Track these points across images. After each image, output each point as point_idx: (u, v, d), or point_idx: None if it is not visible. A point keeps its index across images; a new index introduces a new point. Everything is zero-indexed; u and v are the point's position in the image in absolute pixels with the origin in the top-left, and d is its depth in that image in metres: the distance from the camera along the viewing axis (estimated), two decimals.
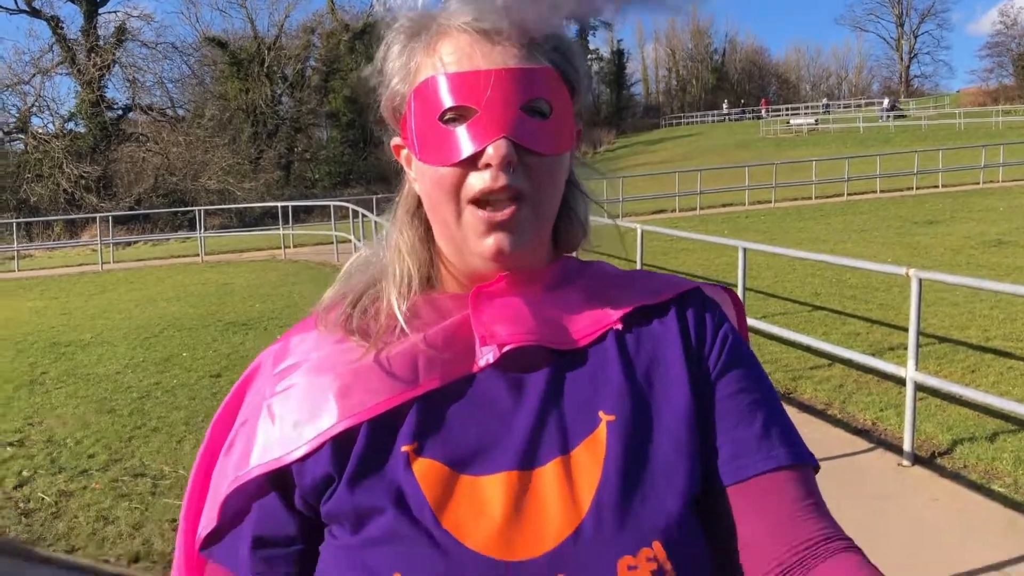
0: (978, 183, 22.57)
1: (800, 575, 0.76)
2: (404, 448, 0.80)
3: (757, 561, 0.78)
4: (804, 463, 0.83)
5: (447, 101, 0.82)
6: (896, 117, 47.18)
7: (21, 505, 4.85)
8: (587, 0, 0.85)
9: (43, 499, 4.91)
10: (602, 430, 0.81)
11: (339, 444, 0.81)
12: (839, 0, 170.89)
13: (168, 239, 25.47)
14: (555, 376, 0.85)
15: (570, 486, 0.78)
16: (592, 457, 0.80)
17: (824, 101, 64.12)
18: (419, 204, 0.90)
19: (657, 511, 0.78)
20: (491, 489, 0.78)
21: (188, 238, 23.50)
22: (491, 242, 0.82)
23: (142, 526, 4.47)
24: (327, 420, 0.82)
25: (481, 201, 0.82)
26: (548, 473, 0.79)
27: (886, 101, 53.64)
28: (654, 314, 0.89)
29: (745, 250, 6.46)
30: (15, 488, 5.10)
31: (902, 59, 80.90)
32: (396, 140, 0.91)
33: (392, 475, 0.79)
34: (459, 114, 0.81)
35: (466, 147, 0.80)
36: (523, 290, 0.87)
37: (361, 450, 0.81)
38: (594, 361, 0.86)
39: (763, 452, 0.82)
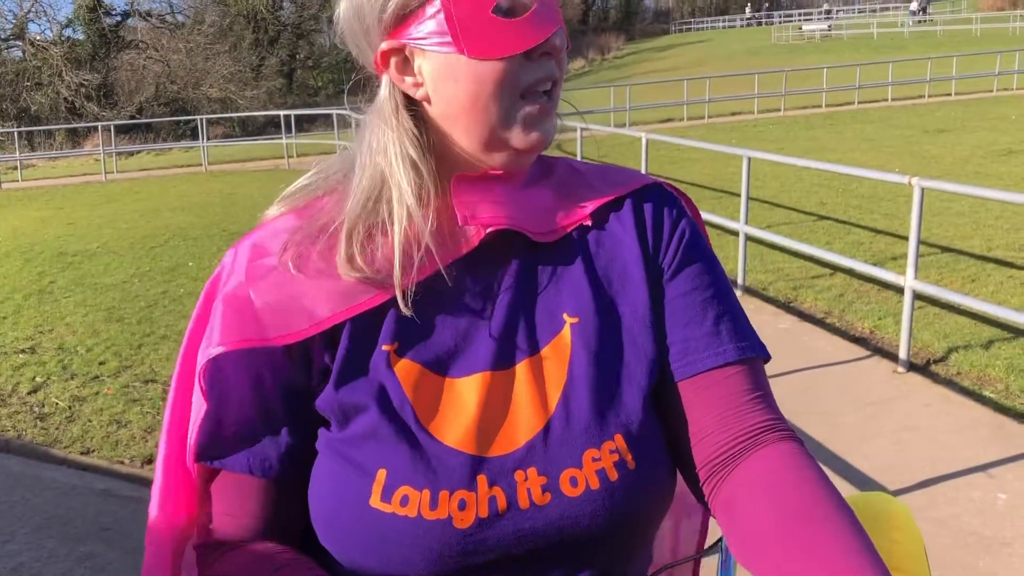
0: (992, 91, 22.20)
1: (738, 462, 0.82)
2: (385, 347, 0.83)
3: (704, 451, 0.85)
4: (752, 356, 0.87)
5: None
6: (921, 21, 46.01)
7: (36, 409, 4.98)
8: None
9: (57, 404, 5.03)
10: (566, 332, 0.86)
11: (327, 337, 0.83)
12: None
13: (171, 148, 25.29)
14: (525, 273, 0.88)
15: (538, 386, 0.83)
16: (558, 358, 0.85)
17: (824, 7, 62.46)
18: (406, 109, 0.87)
19: (618, 408, 0.83)
20: (467, 390, 0.83)
21: (191, 148, 23.34)
22: (537, 133, 0.85)
23: (153, 429, 4.60)
24: (318, 312, 0.82)
25: (527, 94, 0.84)
26: (519, 374, 0.84)
27: (915, 2, 52.15)
28: (616, 209, 0.92)
29: (750, 159, 6.43)
30: (29, 393, 5.23)
31: None
32: (387, 45, 0.85)
33: (375, 373, 0.83)
34: (510, 7, 0.82)
35: (532, 36, 0.82)
36: (502, 183, 0.89)
37: (345, 347, 0.83)
38: (561, 258, 0.89)
39: (711, 349, 0.86)
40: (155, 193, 14.96)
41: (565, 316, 0.86)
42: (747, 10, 64.96)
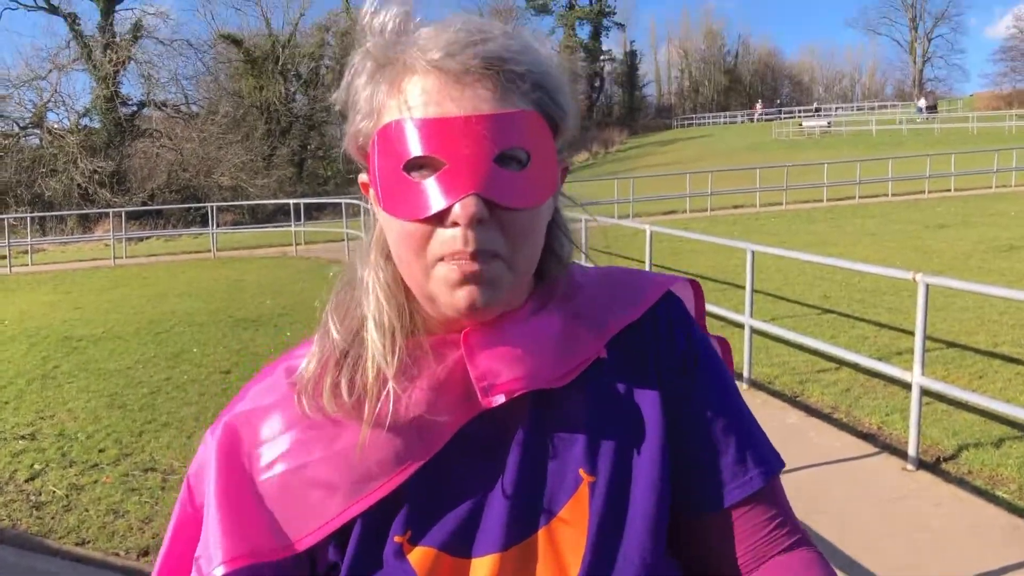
0: (990, 187, 22.47)
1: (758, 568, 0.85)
2: (397, 539, 0.80)
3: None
4: (774, 473, 0.87)
5: (412, 150, 0.75)
6: (928, 119, 46.98)
7: (32, 498, 4.91)
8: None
9: (54, 492, 4.97)
10: (584, 492, 0.82)
11: (337, 535, 0.81)
12: (852, 2, 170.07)
13: (180, 235, 25.61)
14: (537, 424, 0.84)
15: (557, 556, 0.80)
16: (576, 521, 0.81)
17: (815, 106, 63.83)
18: (378, 243, 0.86)
19: (638, 564, 0.81)
20: (483, 571, 0.79)
21: (200, 234, 23.61)
22: (462, 295, 0.76)
23: (152, 520, 4.52)
24: (329, 508, 0.80)
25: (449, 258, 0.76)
26: (537, 544, 0.81)
27: (922, 100, 53.44)
28: (630, 334, 0.88)
29: (753, 252, 6.47)
30: (27, 481, 5.16)
31: (915, 62, 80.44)
32: (364, 177, 0.84)
33: (388, 568, 0.80)
34: (425, 165, 0.75)
35: (432, 203, 0.74)
36: (508, 322, 0.83)
37: (356, 543, 0.81)
38: (574, 402, 0.84)
39: (737, 480, 0.86)
40: (163, 278, 15.07)
41: (582, 473, 0.82)
42: (758, 106, 66.22)
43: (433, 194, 0.74)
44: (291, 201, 20.94)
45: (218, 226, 20.88)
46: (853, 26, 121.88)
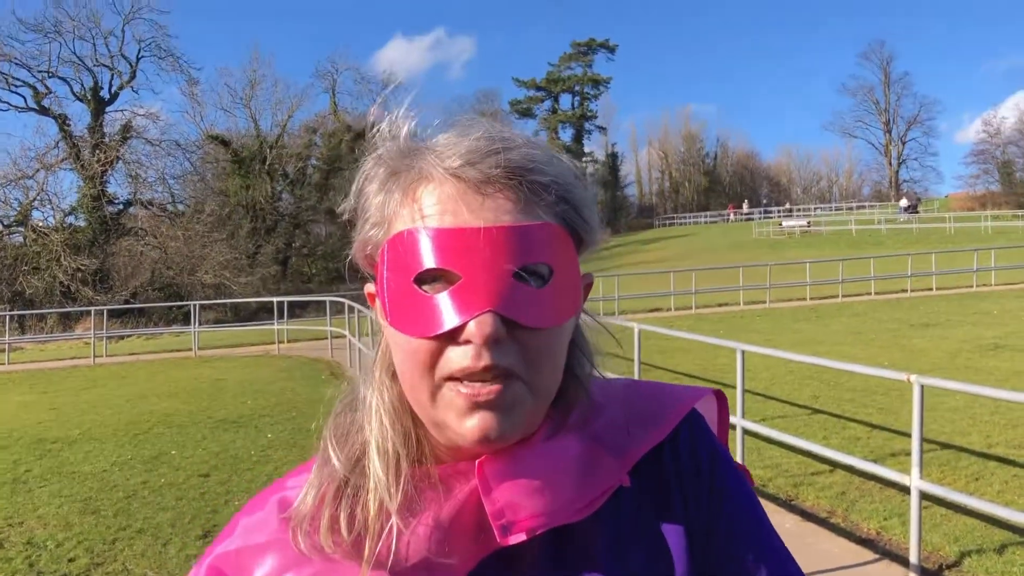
0: (971, 286, 22.72)
1: None
2: None
3: None
4: None
5: (425, 262, 0.69)
6: (908, 218, 48.03)
7: None
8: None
9: None
10: None
11: None
12: (827, 108, 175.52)
13: (162, 333, 25.38)
14: (556, 562, 0.77)
15: None
16: None
17: (787, 206, 65.24)
18: (384, 361, 0.80)
19: None
20: None
21: (182, 332, 23.42)
22: (474, 424, 0.69)
23: None
24: None
25: (459, 378, 0.70)
26: None
27: (904, 200, 54.75)
28: (651, 459, 0.81)
29: (744, 352, 6.42)
30: None
31: (891, 164, 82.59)
32: (370, 287, 0.78)
33: None
34: (439, 278, 0.70)
35: (445, 320, 0.68)
36: (524, 448, 0.75)
37: None
38: (593, 536, 0.78)
39: None
40: (143, 378, 14.84)
41: None
42: (745, 206, 67.45)
43: (446, 310, 0.69)
44: (275, 299, 20.85)
45: (200, 324, 20.72)
46: (829, 130, 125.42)
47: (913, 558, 4.68)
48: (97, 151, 39.77)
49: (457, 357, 0.69)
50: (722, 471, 0.83)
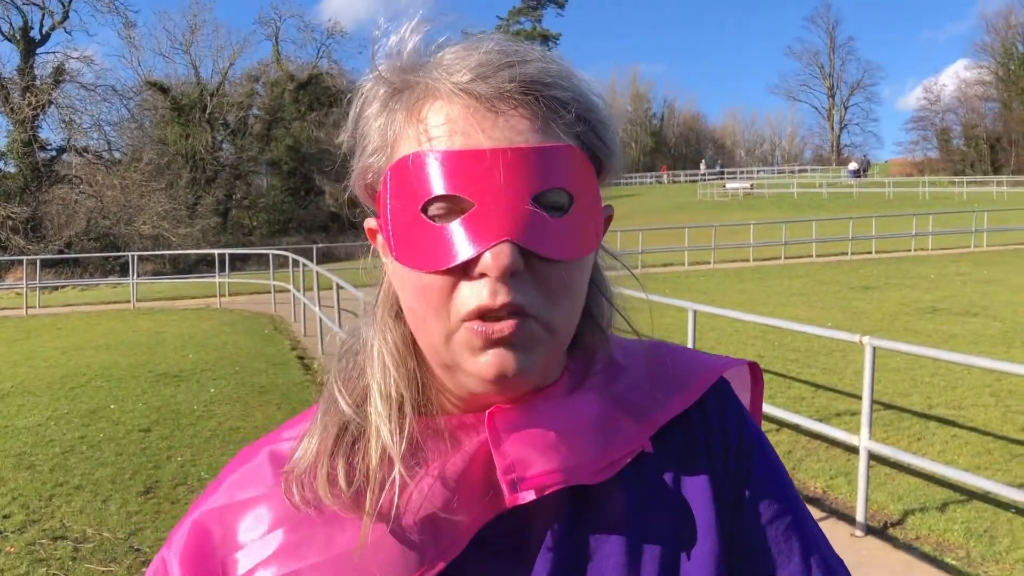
0: (909, 250, 23.24)
1: None
2: None
3: None
4: None
5: (434, 188, 0.63)
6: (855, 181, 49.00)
7: None
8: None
9: None
10: None
11: None
12: (773, 70, 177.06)
13: (98, 284, 24.74)
14: (570, 525, 0.71)
15: None
16: None
17: (718, 168, 65.97)
18: (396, 303, 0.73)
19: None
20: None
21: (119, 284, 22.85)
22: (489, 361, 0.63)
23: None
24: None
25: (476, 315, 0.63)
26: None
27: (853, 163, 55.75)
28: (677, 425, 0.76)
29: (695, 312, 6.43)
30: None
31: (833, 129, 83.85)
32: (371, 222, 0.72)
33: None
34: (449, 206, 0.63)
35: (459, 251, 0.62)
36: (540, 400, 0.70)
37: None
38: (614, 503, 0.72)
39: None
40: (79, 330, 14.41)
41: None
42: (702, 166, 67.83)
43: (459, 240, 0.62)
44: (216, 251, 20.42)
45: (138, 276, 20.21)
46: (775, 93, 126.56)
47: (859, 516, 4.77)
48: (28, 94, 38.35)
49: (472, 293, 0.62)
50: (751, 440, 0.78)
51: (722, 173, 64.57)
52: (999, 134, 63.46)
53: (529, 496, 0.66)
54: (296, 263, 13.91)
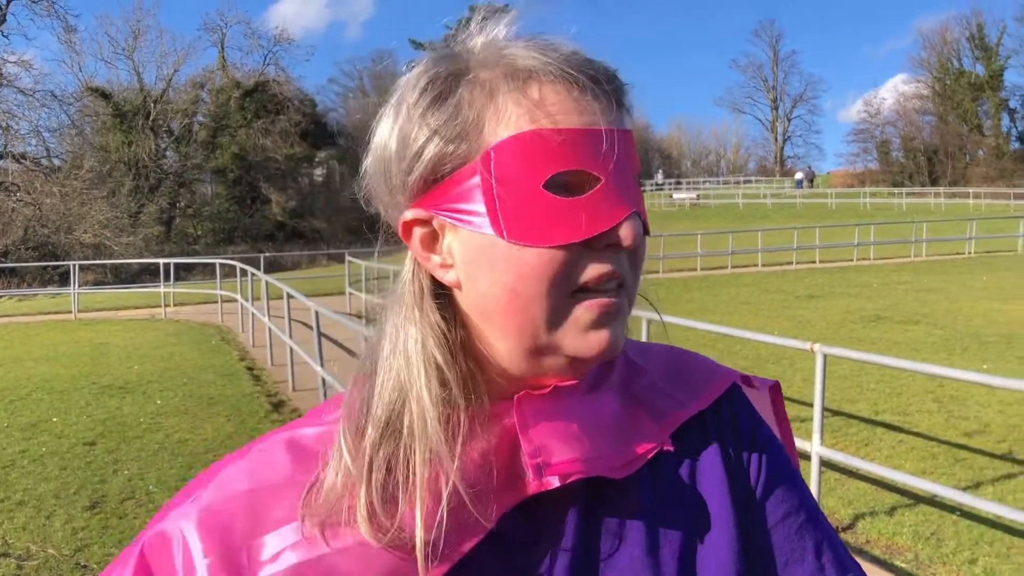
0: (852, 260, 23.71)
1: None
2: None
3: None
4: None
5: (562, 163, 0.64)
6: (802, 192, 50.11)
7: None
8: None
9: None
10: None
11: None
12: (719, 82, 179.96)
13: (37, 294, 24.10)
14: (589, 523, 0.72)
15: None
16: None
17: (656, 180, 66.88)
18: (432, 297, 0.70)
19: None
20: None
21: (59, 294, 22.29)
22: (602, 336, 0.66)
23: None
24: None
25: (585, 290, 0.66)
26: None
27: (799, 174, 57.04)
28: (695, 425, 0.78)
29: (649, 321, 6.47)
30: None
31: (777, 140, 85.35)
32: (412, 214, 0.69)
33: None
34: (570, 181, 0.65)
35: (594, 223, 0.64)
36: (563, 393, 0.71)
37: None
38: (633, 501, 0.73)
39: None
40: (17, 341, 14.02)
41: None
42: (659, 176, 68.42)
43: (593, 212, 0.65)
44: (160, 260, 20.03)
45: (80, 286, 19.73)
46: (720, 105, 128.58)
47: None
48: None
49: (593, 265, 0.65)
50: (764, 442, 0.80)
51: (679, 183, 65.40)
52: (936, 146, 65.22)
53: (554, 482, 0.67)
54: (244, 272, 13.72)
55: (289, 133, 50.04)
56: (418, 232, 0.69)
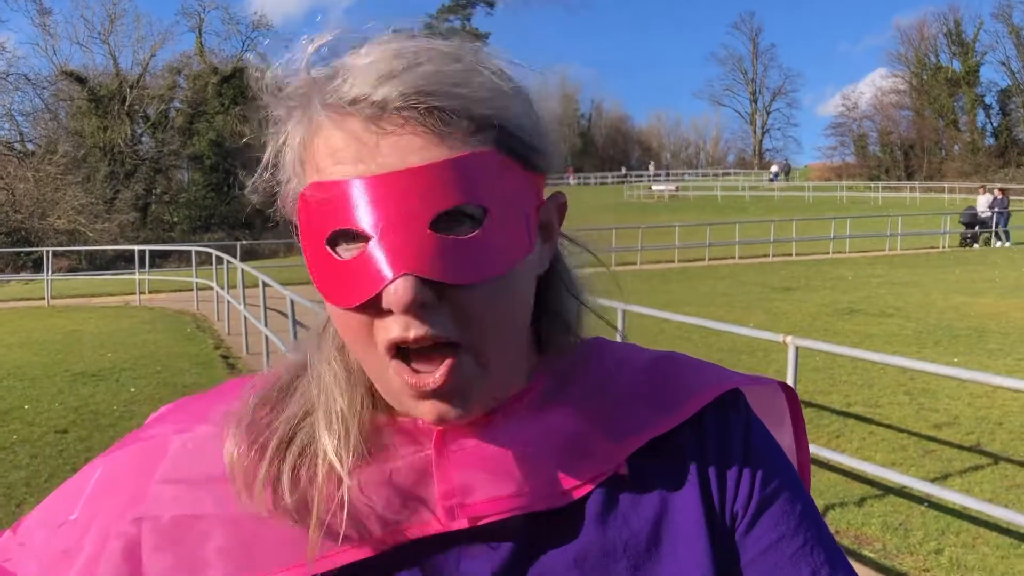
0: (828, 253, 23.89)
1: None
2: None
3: None
4: None
5: (329, 223, 0.59)
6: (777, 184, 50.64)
7: None
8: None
9: None
10: None
11: None
12: (698, 75, 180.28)
13: (9, 281, 23.85)
14: (522, 555, 0.66)
15: None
16: None
17: (623, 171, 67.33)
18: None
19: None
20: None
21: (32, 280, 22.06)
22: (427, 408, 0.61)
23: None
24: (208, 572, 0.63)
25: (403, 351, 0.60)
26: None
27: (775, 167, 57.65)
28: (670, 439, 0.69)
29: (624, 312, 6.50)
30: None
31: (755, 133, 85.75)
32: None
33: None
34: (357, 237, 0.59)
35: (361, 288, 0.58)
36: (502, 416, 0.66)
37: None
38: (575, 528, 0.67)
39: None
40: None
41: None
42: (623, 169, 68.71)
43: (361, 276, 0.58)
44: (135, 247, 19.85)
45: (53, 272, 19.54)
46: (699, 97, 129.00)
47: None
48: None
49: (387, 327, 0.59)
50: (756, 459, 0.71)
51: (667, 174, 65.72)
52: (912, 141, 65.76)
53: (461, 525, 0.63)
54: (220, 260, 13.62)
55: (267, 120, 49.66)
56: None
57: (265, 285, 8.98)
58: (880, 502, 5.17)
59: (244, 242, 21.30)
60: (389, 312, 0.58)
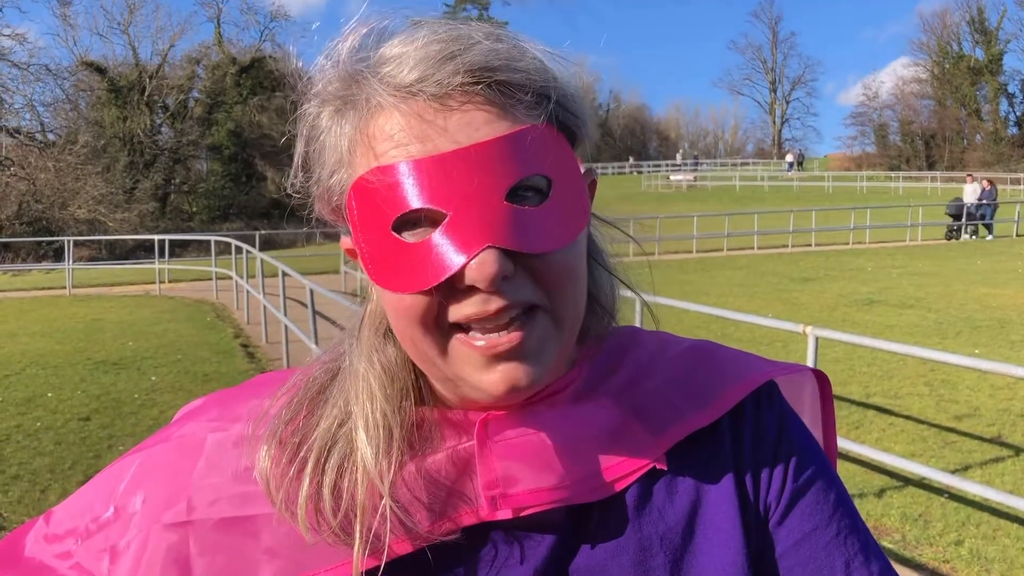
0: (847, 243, 23.74)
1: None
2: None
3: None
4: None
5: (400, 205, 0.59)
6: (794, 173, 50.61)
7: None
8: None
9: None
10: None
11: None
12: (717, 64, 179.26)
13: (31, 270, 24.07)
14: (560, 552, 0.67)
15: None
16: None
17: (630, 162, 67.06)
18: (373, 317, 0.70)
19: None
20: None
21: (53, 269, 22.25)
22: (498, 376, 0.60)
23: None
24: None
25: (465, 327, 0.61)
26: None
27: (790, 156, 57.68)
28: (707, 432, 0.70)
29: (644, 303, 6.49)
30: None
31: (775, 123, 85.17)
32: (347, 242, 0.67)
33: None
34: (421, 220, 0.59)
35: (440, 267, 0.58)
36: (544, 406, 0.67)
37: None
38: (616, 524, 0.67)
39: None
40: (11, 316, 14.00)
41: None
42: (631, 159, 68.55)
43: (438, 255, 0.58)
44: (155, 237, 19.98)
45: (74, 261, 19.70)
46: (718, 86, 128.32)
47: None
48: None
49: (465, 303, 0.59)
50: (791, 450, 0.71)
51: (697, 163, 65.55)
52: (934, 130, 65.13)
53: (505, 515, 0.64)
54: (239, 250, 13.69)
55: (285, 110, 49.75)
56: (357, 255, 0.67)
57: (284, 275, 9.02)
58: (900, 493, 5.15)
59: (263, 232, 21.38)
60: (464, 288, 0.58)
